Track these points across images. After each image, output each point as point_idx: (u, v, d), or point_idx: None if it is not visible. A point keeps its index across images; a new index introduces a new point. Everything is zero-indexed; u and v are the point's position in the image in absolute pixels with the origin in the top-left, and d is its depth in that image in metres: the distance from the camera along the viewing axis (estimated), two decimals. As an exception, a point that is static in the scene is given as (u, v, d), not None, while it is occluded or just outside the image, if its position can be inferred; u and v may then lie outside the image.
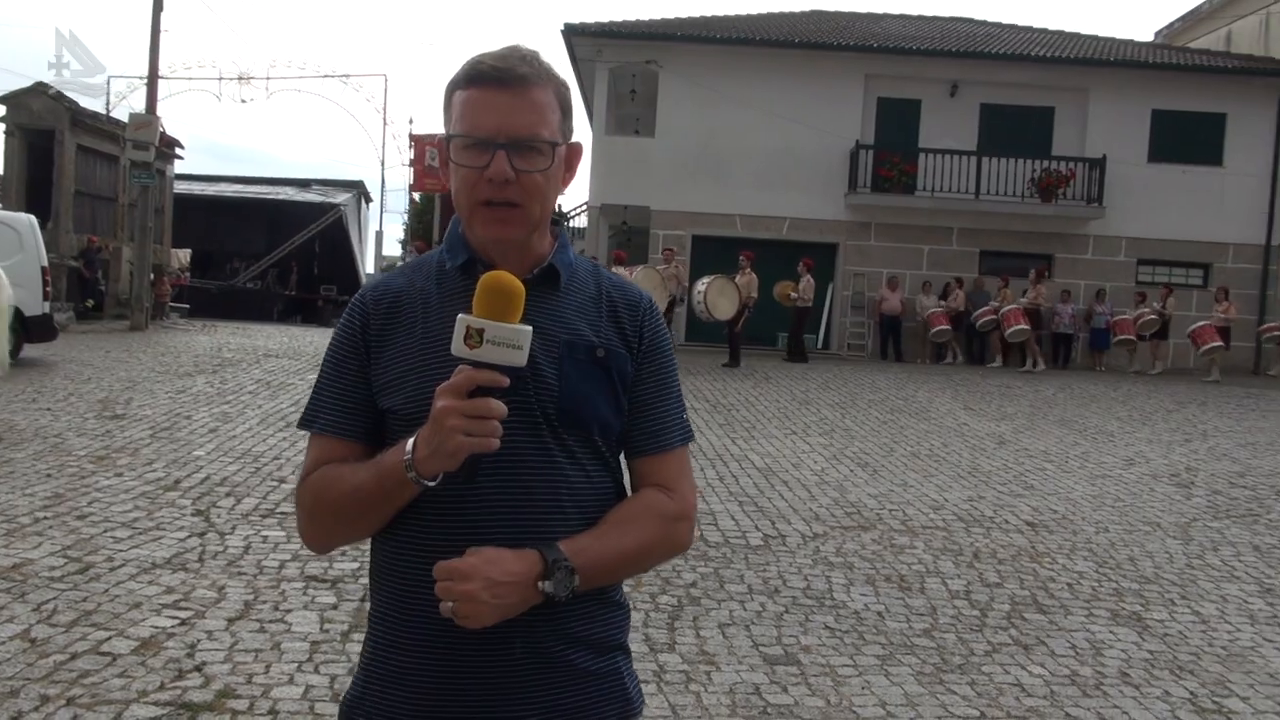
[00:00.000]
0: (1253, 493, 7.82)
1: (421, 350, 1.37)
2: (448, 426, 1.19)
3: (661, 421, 1.46)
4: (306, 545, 1.48)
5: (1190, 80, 18.71)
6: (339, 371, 1.42)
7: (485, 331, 1.19)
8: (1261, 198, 18.70)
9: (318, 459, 1.40)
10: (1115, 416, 11.60)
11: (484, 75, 1.34)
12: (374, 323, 1.41)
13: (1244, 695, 4.00)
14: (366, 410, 1.40)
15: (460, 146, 1.35)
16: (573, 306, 1.41)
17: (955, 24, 21.73)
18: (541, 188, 1.36)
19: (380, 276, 1.51)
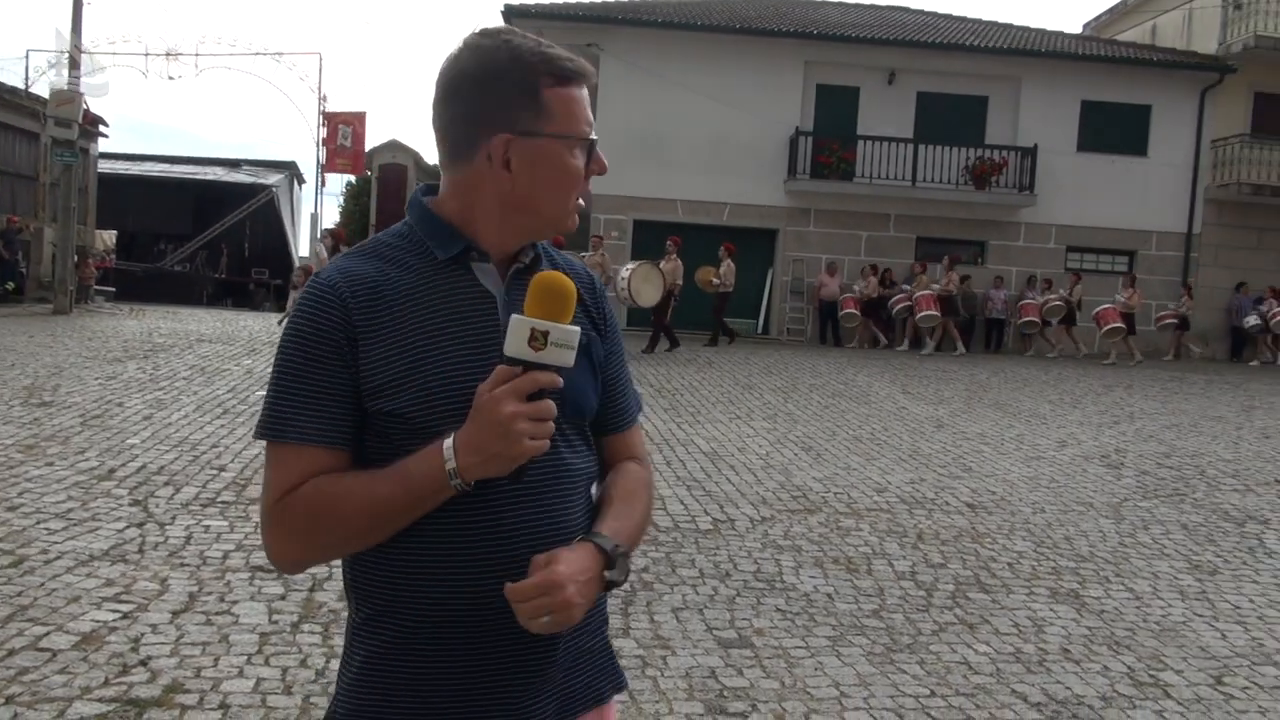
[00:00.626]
0: (1178, 473, 8.10)
1: (424, 348, 1.28)
2: (516, 431, 1.16)
3: (626, 398, 1.50)
4: (279, 566, 1.36)
5: (1117, 72, 19.23)
6: (316, 371, 1.27)
7: (550, 334, 1.17)
8: (1183, 187, 19.32)
9: (300, 473, 1.27)
10: (1047, 400, 11.92)
11: (578, 73, 1.33)
12: (356, 316, 1.28)
13: (1178, 669, 4.15)
14: (348, 413, 1.29)
15: (569, 147, 1.33)
16: None
17: (893, 13, 21.99)
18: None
19: (340, 263, 1.34)
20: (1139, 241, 19.44)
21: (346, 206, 29.03)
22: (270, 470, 1.30)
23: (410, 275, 1.33)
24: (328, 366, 1.27)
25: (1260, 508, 7.09)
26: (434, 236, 1.36)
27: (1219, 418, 11.01)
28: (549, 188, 1.33)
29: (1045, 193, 18.78)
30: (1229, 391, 13.35)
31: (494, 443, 1.17)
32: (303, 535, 1.27)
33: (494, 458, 1.18)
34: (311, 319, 1.29)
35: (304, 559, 1.33)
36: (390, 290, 1.31)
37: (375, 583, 1.32)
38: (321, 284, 1.31)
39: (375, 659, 1.32)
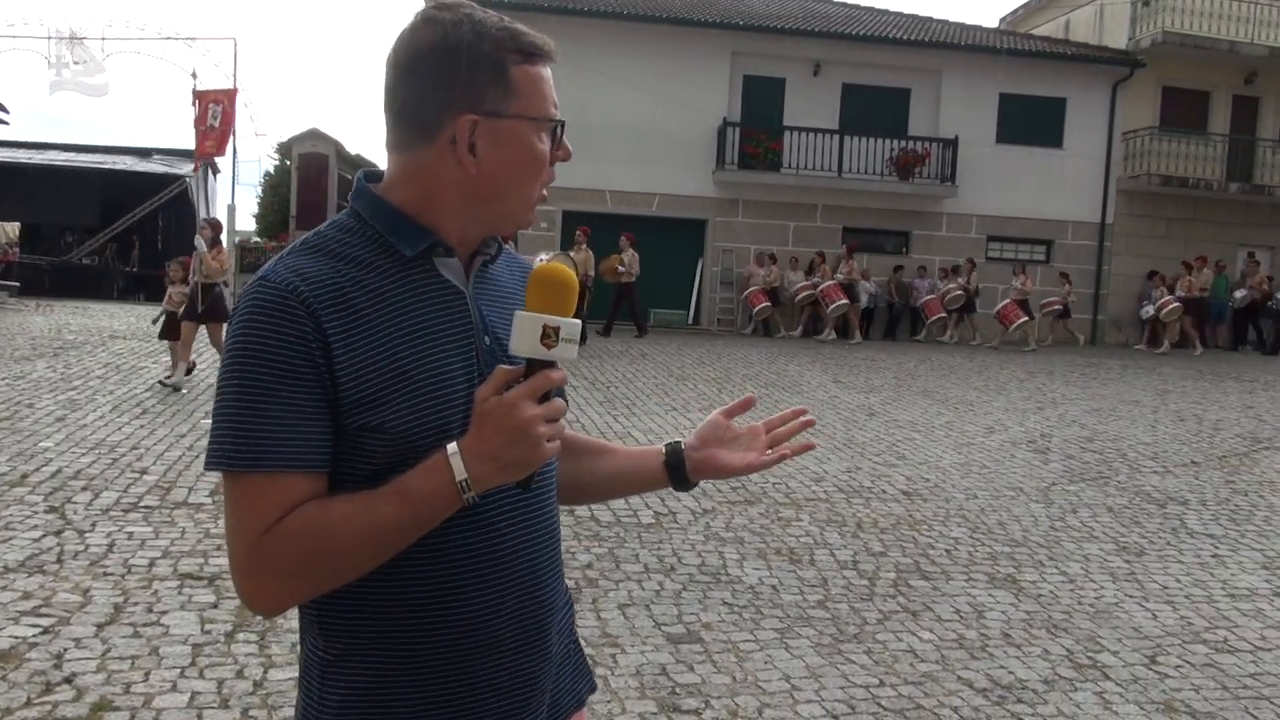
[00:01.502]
0: (1101, 456, 8.35)
1: (406, 354, 1.17)
2: (536, 435, 1.09)
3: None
4: (261, 611, 1.20)
5: (1033, 66, 19.70)
6: (289, 387, 1.11)
7: (561, 330, 1.10)
8: (1097, 178, 19.93)
9: (280, 504, 1.11)
10: (973, 387, 12.19)
11: (545, 50, 1.24)
12: (326, 322, 1.14)
13: (1114, 650, 4.26)
14: (326, 433, 1.15)
15: (533, 129, 1.22)
16: (508, 283, 1.34)
17: (817, 5, 22.18)
18: None
19: (291, 261, 1.18)
20: (1056, 231, 19.99)
21: (265, 197, 28.26)
22: (241, 505, 1.12)
23: (374, 275, 1.20)
24: (302, 381, 1.11)
25: (1179, 489, 7.34)
26: (396, 231, 1.22)
27: (1135, 402, 11.39)
28: (515, 173, 1.22)
29: (966, 183, 19.18)
30: (1143, 376, 13.82)
31: (512, 449, 1.09)
32: (296, 574, 1.12)
33: (511, 465, 1.10)
34: (274, 328, 1.12)
35: (294, 599, 1.17)
36: (355, 292, 1.17)
37: (350, 617, 1.19)
38: (276, 287, 1.13)
39: (356, 698, 1.20)
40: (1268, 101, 20.79)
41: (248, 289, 1.17)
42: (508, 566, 1.21)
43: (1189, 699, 3.80)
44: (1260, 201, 20.48)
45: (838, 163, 18.88)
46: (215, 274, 9.81)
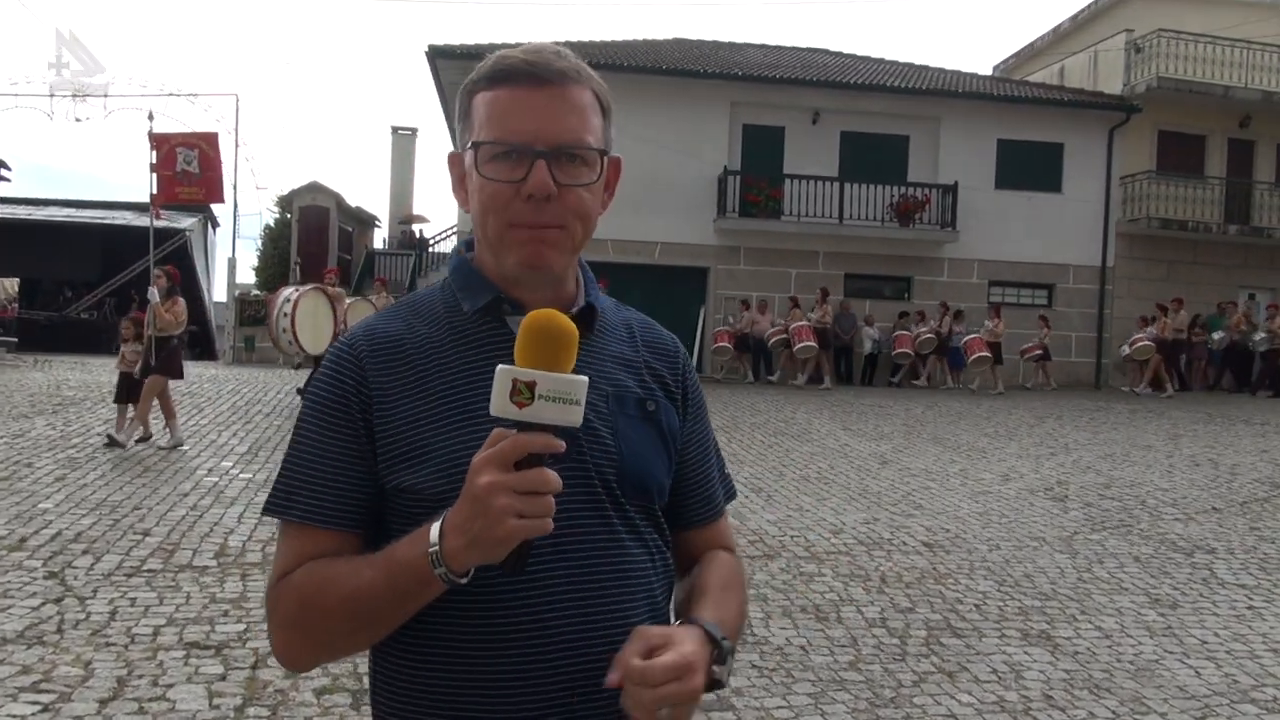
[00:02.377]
0: (1120, 504, 8.19)
1: (445, 412, 1.11)
2: (497, 508, 0.93)
3: (712, 485, 1.29)
4: (282, 663, 1.17)
5: (1030, 112, 19.85)
6: (323, 441, 1.12)
7: (537, 385, 0.94)
8: (1096, 222, 19.97)
9: (298, 555, 1.11)
10: (983, 433, 12.04)
11: (515, 71, 1.12)
12: (372, 378, 1.12)
13: (1161, 711, 4.08)
14: (361, 490, 1.12)
15: (489, 156, 1.12)
16: (610, 352, 1.20)
17: (814, 55, 22.43)
18: (587, 205, 1.14)
19: (369, 320, 1.21)
20: (1057, 275, 19.99)
21: (265, 250, 28.26)
22: (277, 550, 1.15)
23: (439, 331, 1.16)
24: (337, 435, 1.12)
25: (1204, 536, 7.17)
26: (464, 286, 1.19)
27: (1148, 446, 11.24)
28: (478, 208, 1.14)
29: (967, 229, 19.21)
30: (1153, 420, 13.69)
31: (472, 521, 0.95)
32: (292, 627, 1.11)
33: (477, 540, 0.96)
34: (327, 382, 1.14)
35: (301, 656, 1.15)
36: (413, 346, 1.15)
37: (388, 696, 1.14)
38: (342, 344, 1.17)
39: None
40: (1263, 144, 20.94)
41: (330, 346, 1.21)
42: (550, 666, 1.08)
43: (1247, 765, 3.62)
44: (1259, 243, 20.53)
45: (838, 210, 18.92)
46: (170, 327, 9.20)
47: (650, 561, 1.17)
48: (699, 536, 1.28)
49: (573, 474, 1.07)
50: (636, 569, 1.15)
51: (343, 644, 1.12)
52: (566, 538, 1.07)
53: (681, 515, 1.26)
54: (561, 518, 1.02)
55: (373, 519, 1.13)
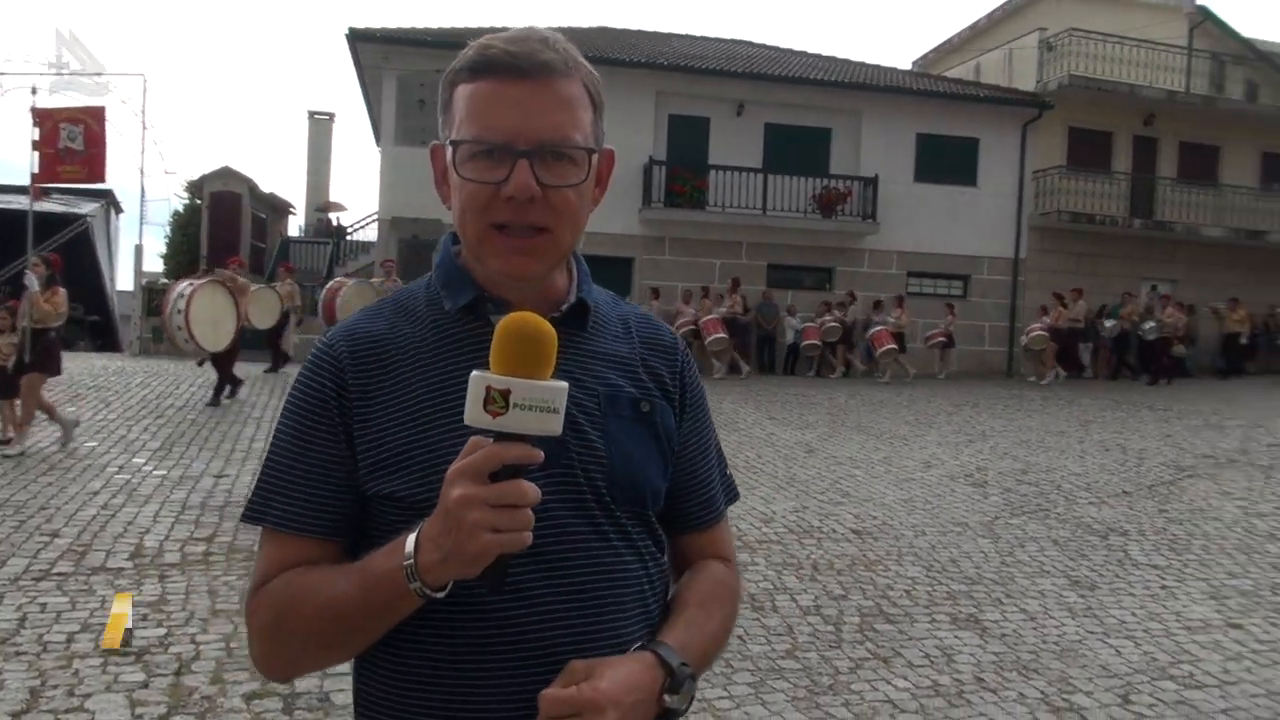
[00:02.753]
0: (1037, 489, 8.43)
1: (427, 417, 1.05)
2: (469, 522, 0.88)
3: (712, 488, 1.23)
4: (262, 673, 1.12)
5: (948, 107, 20.29)
6: (302, 447, 1.07)
7: (512, 393, 0.88)
8: (1010, 215, 20.54)
9: (276, 563, 1.07)
10: (904, 421, 12.29)
11: (496, 63, 1.04)
12: (352, 380, 1.07)
13: (1087, 690, 4.21)
14: (340, 497, 1.06)
15: (468, 155, 1.05)
16: (603, 350, 1.14)
17: (739, 46, 22.54)
18: (574, 207, 1.07)
19: (352, 319, 1.14)
20: (972, 266, 20.51)
21: (173, 237, 27.25)
22: (257, 557, 1.12)
23: (423, 331, 1.10)
24: (317, 441, 1.07)
25: (1117, 519, 7.43)
26: (447, 284, 1.13)
27: (1061, 433, 11.61)
28: (458, 207, 1.08)
29: (887, 221, 19.57)
30: (1064, 407, 14.14)
31: (446, 536, 0.90)
32: (269, 638, 1.06)
33: (451, 555, 0.91)
34: (306, 386, 1.10)
35: (279, 666, 1.09)
36: (395, 347, 1.09)
37: (371, 710, 1.10)
38: (322, 345, 1.12)
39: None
40: (1165, 142, 21.79)
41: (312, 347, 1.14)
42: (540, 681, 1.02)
43: (1168, 740, 3.76)
44: (1161, 236, 21.36)
45: (762, 201, 19.08)
46: (48, 318, 8.59)
47: (644, 570, 1.12)
48: (696, 542, 1.23)
49: (560, 480, 1.03)
50: (629, 578, 1.09)
51: (322, 655, 1.07)
52: (554, 547, 1.02)
53: (679, 519, 1.21)
54: (549, 526, 0.98)
55: (354, 526, 1.08)
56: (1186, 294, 20.88)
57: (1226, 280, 21.75)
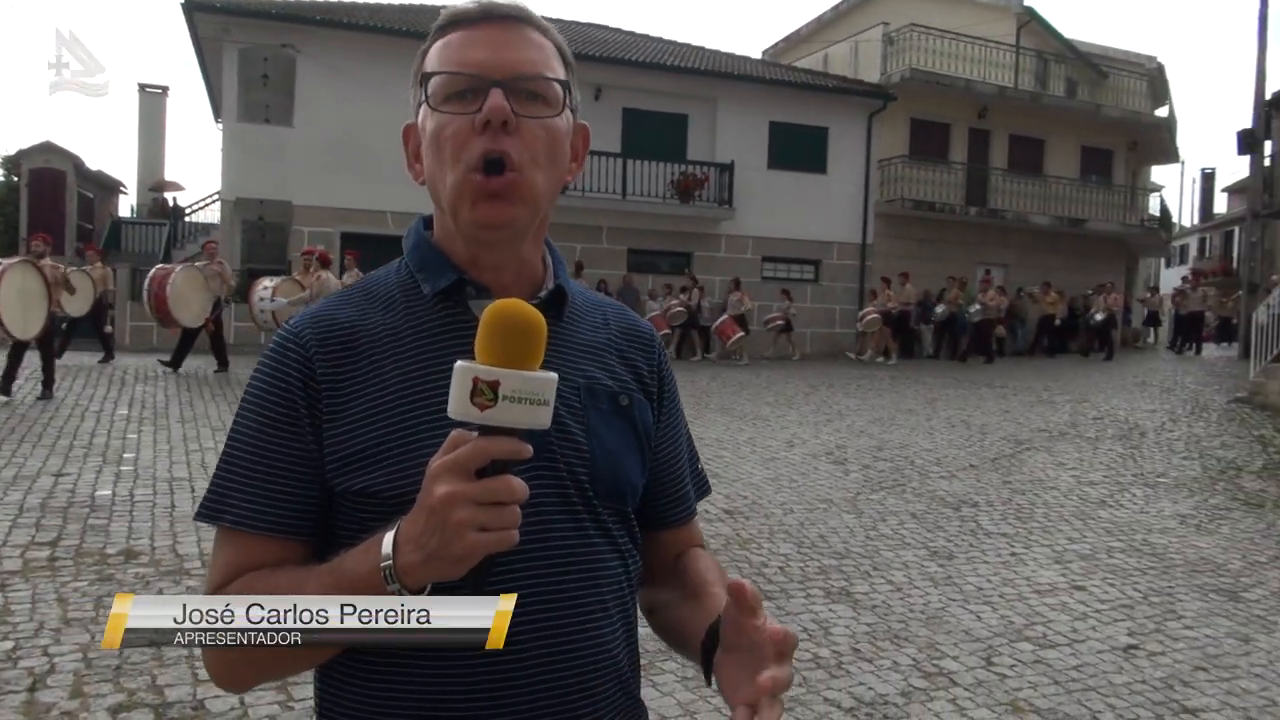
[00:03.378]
0: (893, 464, 8.84)
1: (404, 408, 1.00)
2: (455, 521, 0.84)
3: (685, 483, 1.23)
4: (218, 684, 1.04)
5: (799, 96, 20.90)
6: (262, 441, 1.01)
7: (501, 385, 0.84)
8: (858, 202, 21.38)
9: (234, 565, 1.00)
10: (765, 402, 12.63)
11: (465, 14, 1.04)
12: (321, 371, 1.01)
13: (954, 655, 4.45)
14: (305, 494, 1.01)
15: (441, 97, 1.02)
16: (581, 341, 1.12)
17: (594, 30, 22.51)
18: (548, 146, 1.03)
19: (317, 306, 1.08)
20: (823, 251, 21.25)
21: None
22: (212, 558, 1.05)
23: (393, 315, 1.05)
24: (280, 434, 1.01)
25: (967, 492, 7.88)
26: (423, 266, 1.08)
27: (910, 410, 12.20)
28: (433, 160, 1.04)
29: (742, 207, 20.02)
30: (912, 386, 14.86)
31: (428, 535, 0.86)
32: (226, 652, 0.97)
33: (435, 555, 0.87)
34: (269, 375, 1.03)
35: (237, 677, 1.02)
36: (368, 335, 1.03)
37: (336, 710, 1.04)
38: (286, 333, 1.05)
39: None
40: (997, 134, 23.13)
41: (274, 335, 1.08)
42: (520, 682, 1.01)
43: (1030, 697, 4.02)
44: (994, 224, 22.69)
45: (621, 185, 19.17)
46: None
47: (624, 567, 1.10)
48: (672, 538, 1.21)
49: (543, 474, 1.00)
50: (610, 576, 1.07)
51: (287, 665, 1.01)
52: (536, 543, 0.99)
53: (653, 516, 1.19)
54: (531, 522, 0.94)
55: (320, 526, 1.02)
56: (1018, 277, 22.31)
57: (1052, 265, 23.35)
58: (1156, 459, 9.48)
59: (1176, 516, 7.43)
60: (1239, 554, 6.49)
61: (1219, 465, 9.26)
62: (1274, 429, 10.94)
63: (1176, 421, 11.52)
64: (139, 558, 5.17)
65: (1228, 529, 7.15)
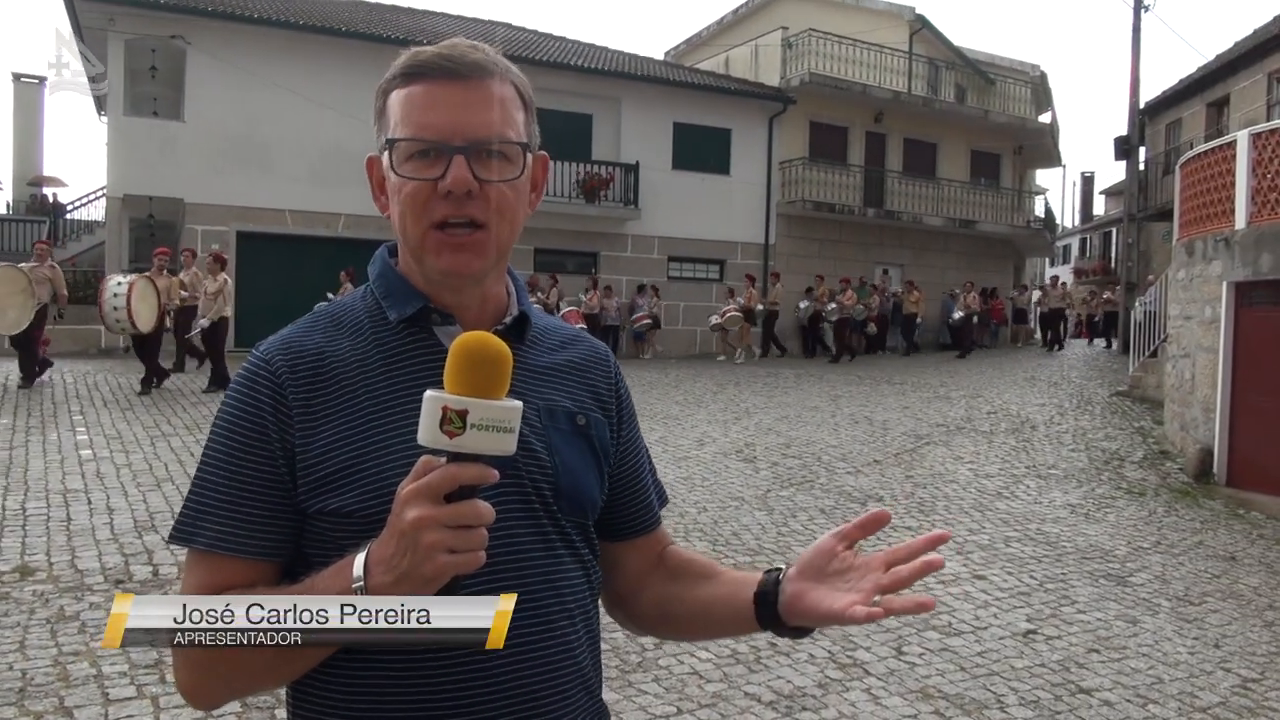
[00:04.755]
0: (801, 461, 9.06)
1: (373, 432, 1.04)
2: (426, 544, 0.88)
3: (649, 491, 1.28)
4: (190, 702, 1.05)
5: (702, 98, 21.15)
6: (234, 464, 1.04)
7: (469, 413, 0.88)
8: (760, 203, 21.76)
9: (206, 586, 1.02)
10: (674, 401, 12.77)
11: (428, 66, 1.06)
12: (292, 396, 1.04)
13: (866, 646, 4.61)
14: (276, 517, 1.03)
15: (404, 156, 1.05)
16: (540, 364, 1.16)
17: (497, 27, 22.34)
18: (511, 203, 1.08)
19: (285, 333, 1.11)
20: (727, 251, 21.55)
21: None
22: (184, 579, 1.07)
23: (364, 344, 1.08)
24: (251, 458, 1.04)
25: (872, 486, 8.13)
26: (388, 294, 1.12)
27: (815, 408, 12.50)
28: (396, 211, 1.09)
29: (648, 207, 20.16)
30: (815, 384, 15.22)
31: (399, 558, 0.90)
32: (198, 667, 1.00)
33: (405, 577, 0.90)
34: (238, 401, 1.06)
35: (209, 695, 1.04)
36: (338, 362, 1.07)
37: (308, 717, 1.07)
38: (256, 359, 1.08)
39: None
40: (893, 138, 23.83)
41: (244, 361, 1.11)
42: (493, 697, 1.05)
43: (938, 684, 4.20)
44: (890, 225, 23.38)
45: (527, 185, 19.06)
46: None
47: (586, 579, 1.15)
48: (648, 541, 1.27)
49: (510, 490, 1.04)
50: (573, 588, 1.12)
51: (260, 682, 1.03)
52: (503, 558, 1.03)
53: (623, 526, 1.24)
54: (500, 538, 0.98)
55: (291, 547, 1.05)
56: (914, 276, 23.03)
57: (946, 264, 24.21)
58: (1047, 451, 9.95)
59: (1067, 506, 7.83)
60: (1124, 540, 6.88)
61: (1104, 456, 9.78)
62: (1153, 420, 11.60)
63: (1064, 415, 12.11)
64: (35, 574, 4.95)
65: (1113, 517, 7.56)
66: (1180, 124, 22.11)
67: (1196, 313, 9.95)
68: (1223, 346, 9.25)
